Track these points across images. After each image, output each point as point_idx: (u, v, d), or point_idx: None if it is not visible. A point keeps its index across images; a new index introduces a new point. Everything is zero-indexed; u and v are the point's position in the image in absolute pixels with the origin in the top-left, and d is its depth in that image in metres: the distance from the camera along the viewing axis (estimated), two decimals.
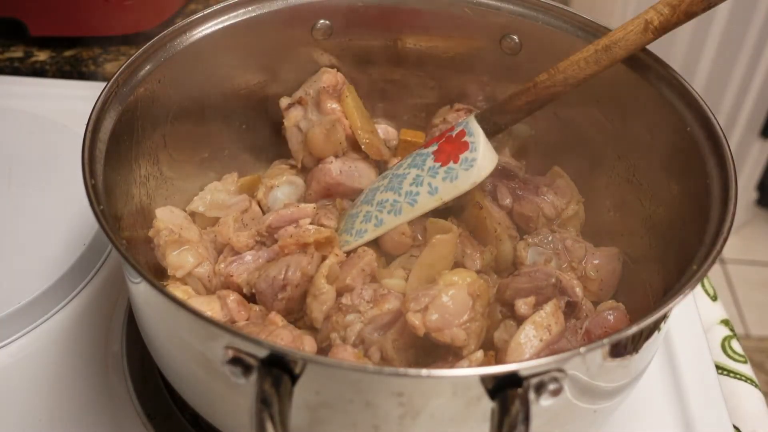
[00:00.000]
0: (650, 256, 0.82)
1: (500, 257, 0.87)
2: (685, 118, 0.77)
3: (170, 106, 0.84)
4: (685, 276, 0.64)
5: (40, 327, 0.88)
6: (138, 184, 0.81)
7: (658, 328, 0.67)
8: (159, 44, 0.81)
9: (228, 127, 0.93)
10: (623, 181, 0.86)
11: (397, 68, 0.96)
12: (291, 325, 0.79)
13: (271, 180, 0.92)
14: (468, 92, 0.97)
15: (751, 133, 2.35)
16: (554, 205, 0.89)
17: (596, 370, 0.61)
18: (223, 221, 0.86)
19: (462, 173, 0.83)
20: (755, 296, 2.53)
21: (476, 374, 0.55)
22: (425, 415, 0.58)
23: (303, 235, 0.82)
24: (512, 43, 0.90)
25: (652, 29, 0.75)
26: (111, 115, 0.74)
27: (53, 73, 1.26)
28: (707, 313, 1.02)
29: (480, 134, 0.85)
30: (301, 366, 0.55)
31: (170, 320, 0.64)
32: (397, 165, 0.90)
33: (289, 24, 0.90)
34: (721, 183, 0.70)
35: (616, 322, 0.76)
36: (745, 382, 0.95)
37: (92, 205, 0.64)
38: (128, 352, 0.85)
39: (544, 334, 0.72)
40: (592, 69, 0.78)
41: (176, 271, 0.81)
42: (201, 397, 0.69)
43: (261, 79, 0.93)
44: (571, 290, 0.77)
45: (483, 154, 0.83)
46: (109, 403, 0.81)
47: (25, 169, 1.03)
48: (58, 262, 0.90)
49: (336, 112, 0.92)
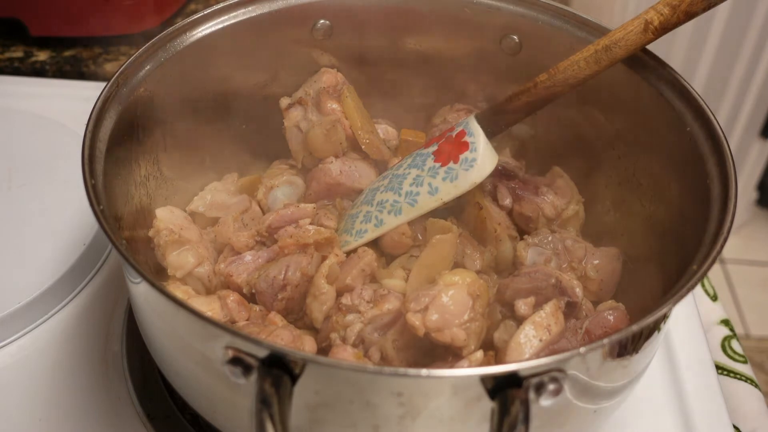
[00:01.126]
0: (650, 256, 0.82)
1: (500, 257, 0.87)
2: (685, 118, 0.77)
3: (170, 106, 0.84)
4: (685, 276, 0.64)
5: (40, 327, 0.88)
6: (138, 184, 0.81)
7: (658, 328, 0.67)
8: (159, 44, 0.81)
9: (228, 127, 0.93)
10: (623, 181, 0.86)
11: (397, 68, 0.96)
12: (291, 325, 0.79)
13: (271, 180, 0.92)
14: (468, 92, 0.97)
15: (751, 133, 2.35)
16: (554, 205, 0.89)
17: (596, 370, 0.61)
18: (223, 221, 0.86)
19: (462, 173, 0.83)
20: (755, 296, 2.52)
21: (476, 374, 0.55)
22: (425, 415, 0.58)
23: (303, 235, 0.82)
24: (512, 43, 0.90)
25: (652, 29, 0.75)
26: (111, 115, 0.74)
27: (53, 73, 1.26)
28: (707, 313, 1.02)
29: (480, 134, 0.85)
30: (301, 366, 0.55)
31: (170, 320, 0.64)
32: (397, 165, 0.90)
33: (289, 24, 0.90)
34: (721, 183, 0.70)
35: (616, 322, 0.76)
36: (745, 382, 0.95)
37: (92, 205, 0.64)
38: (128, 352, 0.85)
39: (543, 335, 0.72)
40: (592, 69, 0.78)
41: (176, 271, 0.81)
42: (201, 397, 0.69)
43: (261, 79, 0.93)
44: (571, 290, 0.77)
45: (483, 154, 0.83)
46: (109, 403, 0.81)
47: (25, 169, 1.03)
48: (58, 262, 0.90)
49: (336, 112, 0.92)
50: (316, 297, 0.78)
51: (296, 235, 0.82)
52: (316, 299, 0.78)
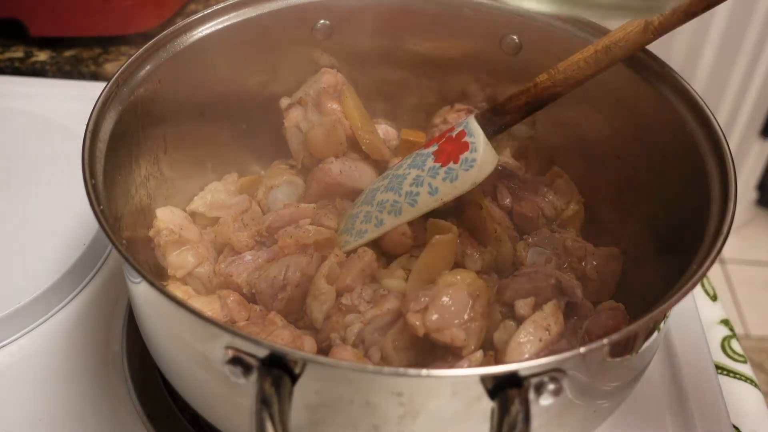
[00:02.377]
0: (650, 256, 0.82)
1: (500, 257, 0.87)
2: (685, 118, 0.77)
3: (170, 106, 0.84)
4: (685, 276, 0.64)
5: (40, 327, 0.88)
6: (138, 184, 0.81)
7: (658, 328, 0.67)
8: (159, 44, 0.81)
9: (228, 127, 0.93)
10: (623, 181, 0.86)
11: (397, 68, 0.96)
12: (291, 325, 0.79)
13: (271, 180, 0.92)
14: (468, 92, 0.97)
15: (751, 133, 2.35)
16: (554, 205, 0.89)
17: (596, 370, 0.61)
18: (223, 221, 0.86)
19: (462, 174, 0.83)
20: (755, 296, 2.52)
21: (476, 374, 0.55)
22: (425, 415, 0.58)
23: (303, 235, 0.82)
24: (512, 43, 0.90)
25: (652, 30, 0.75)
26: (111, 115, 0.74)
27: (53, 73, 1.26)
28: (707, 313, 1.02)
29: (480, 135, 0.85)
30: (301, 366, 0.55)
31: (170, 320, 0.64)
32: (397, 165, 0.90)
33: (289, 24, 0.90)
34: (721, 183, 0.70)
35: (616, 322, 0.76)
36: (745, 382, 0.95)
37: (92, 205, 0.64)
38: (128, 352, 0.85)
39: (543, 334, 0.72)
40: (592, 69, 0.78)
41: (176, 271, 0.81)
42: (201, 397, 0.69)
43: (261, 79, 0.93)
44: (570, 291, 0.77)
45: (483, 154, 0.83)
46: (109, 403, 0.81)
47: (25, 169, 1.03)
48: (58, 262, 0.90)
49: (336, 112, 0.92)
50: (316, 297, 0.78)
51: (296, 235, 0.82)
52: (316, 299, 0.78)
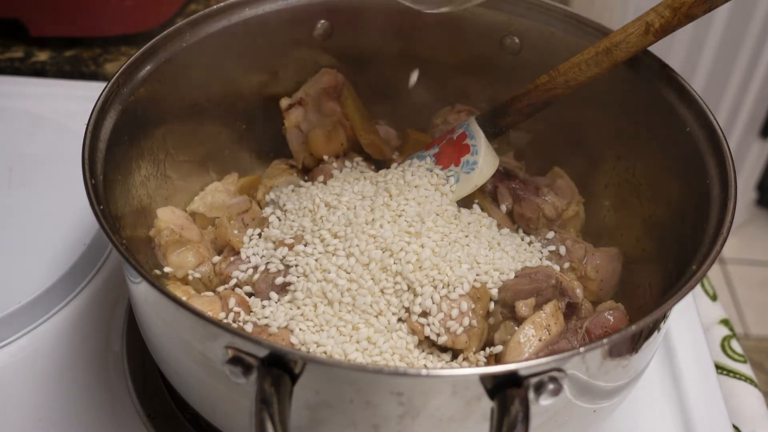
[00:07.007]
0: (650, 256, 0.82)
1: None
2: (685, 118, 0.77)
3: (170, 106, 0.84)
4: (685, 276, 0.64)
5: (40, 327, 0.88)
6: (138, 184, 0.81)
7: (657, 328, 0.67)
8: (159, 44, 0.81)
9: (228, 127, 0.93)
10: (623, 181, 0.86)
11: (397, 69, 0.96)
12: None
13: (271, 180, 0.92)
14: (469, 93, 0.97)
15: (751, 133, 2.34)
16: (554, 205, 0.89)
17: (596, 370, 0.61)
18: (223, 221, 0.86)
19: (463, 176, 0.83)
20: (755, 296, 2.52)
21: (476, 374, 0.56)
22: (425, 415, 0.58)
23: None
24: (512, 43, 0.90)
25: (653, 31, 0.75)
26: (111, 115, 0.74)
27: (53, 73, 1.26)
28: (707, 313, 1.02)
29: (481, 137, 0.85)
30: (301, 366, 0.55)
31: (170, 320, 0.64)
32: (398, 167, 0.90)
33: (289, 24, 0.90)
34: (720, 183, 0.70)
35: (616, 322, 0.76)
36: (745, 382, 0.95)
37: (92, 205, 0.64)
38: (128, 352, 0.85)
39: (543, 334, 0.72)
40: (592, 71, 0.78)
41: (177, 271, 0.81)
42: (201, 397, 0.70)
43: (261, 79, 0.93)
44: (571, 291, 0.77)
45: (484, 157, 0.83)
46: (109, 403, 0.81)
47: (25, 169, 1.03)
48: (58, 262, 0.90)
49: (336, 112, 0.92)
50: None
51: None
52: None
